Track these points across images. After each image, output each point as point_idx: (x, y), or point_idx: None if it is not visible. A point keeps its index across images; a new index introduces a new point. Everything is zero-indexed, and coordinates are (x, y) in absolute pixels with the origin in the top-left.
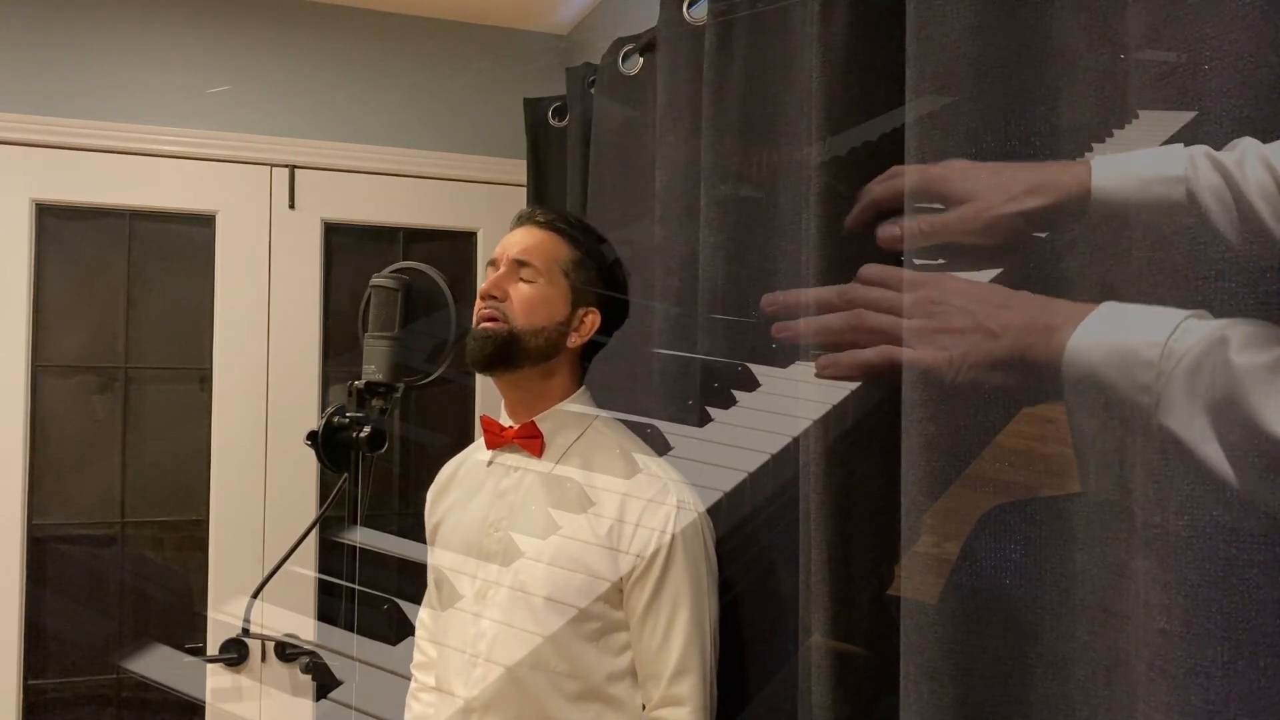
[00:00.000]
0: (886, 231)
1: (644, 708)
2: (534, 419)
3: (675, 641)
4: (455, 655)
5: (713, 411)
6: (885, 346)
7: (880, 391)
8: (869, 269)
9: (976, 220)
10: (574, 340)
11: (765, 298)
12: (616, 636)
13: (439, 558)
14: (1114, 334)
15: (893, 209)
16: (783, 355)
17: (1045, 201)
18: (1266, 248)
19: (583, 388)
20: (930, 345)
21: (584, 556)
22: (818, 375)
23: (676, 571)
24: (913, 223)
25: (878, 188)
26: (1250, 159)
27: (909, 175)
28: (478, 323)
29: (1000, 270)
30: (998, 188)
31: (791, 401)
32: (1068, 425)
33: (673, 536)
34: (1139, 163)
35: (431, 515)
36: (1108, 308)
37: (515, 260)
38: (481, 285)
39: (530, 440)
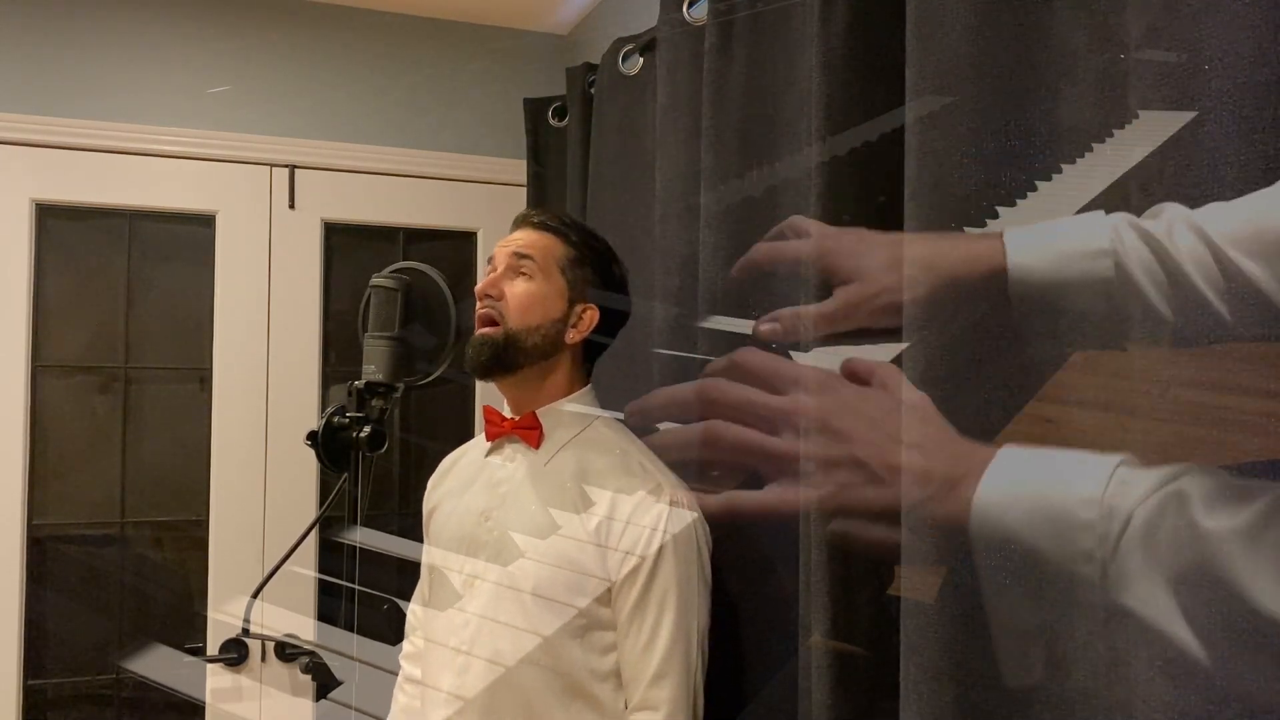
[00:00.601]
0: (763, 328)
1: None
2: (535, 411)
3: (659, 645)
4: (441, 645)
5: None
6: (729, 494)
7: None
8: (744, 355)
9: (860, 309)
10: (572, 336)
11: (630, 406)
12: (602, 635)
13: (431, 546)
14: (1032, 488)
15: (782, 267)
16: None
17: (949, 280)
18: (1206, 323)
19: (587, 387)
20: (791, 481)
21: (572, 552)
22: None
23: (665, 574)
24: (788, 313)
25: (762, 249)
26: (1179, 227)
27: (795, 244)
28: (477, 326)
29: (904, 374)
30: (889, 265)
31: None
32: (1079, 423)
33: (663, 538)
34: (1058, 235)
35: (428, 502)
36: (1009, 453)
37: (511, 257)
38: (478, 285)
39: (529, 431)
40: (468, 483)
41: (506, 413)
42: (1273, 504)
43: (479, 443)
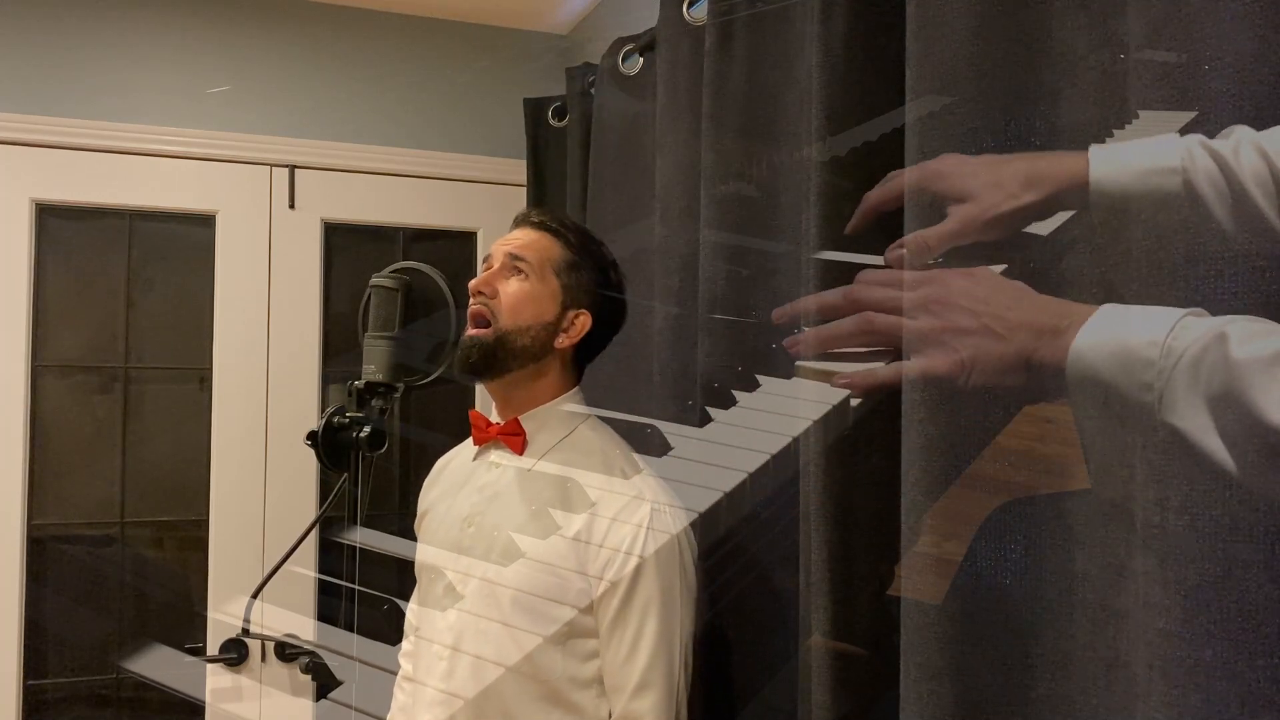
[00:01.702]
0: (892, 254)
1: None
2: (519, 417)
3: (641, 655)
4: (427, 647)
5: (713, 412)
6: (897, 363)
7: (881, 392)
8: (868, 273)
9: (976, 222)
10: (562, 341)
11: (776, 312)
12: (584, 642)
13: (420, 549)
14: (1115, 335)
15: (891, 213)
16: (787, 363)
17: (1043, 195)
18: (1264, 238)
19: (575, 390)
20: (939, 349)
21: (552, 558)
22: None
23: (647, 583)
24: (914, 237)
25: (874, 194)
26: (1245, 147)
27: (906, 177)
28: (469, 323)
29: (1002, 266)
30: (995, 184)
31: (791, 402)
32: (1072, 426)
33: (644, 546)
34: (1136, 153)
35: (421, 503)
36: (1108, 309)
37: (507, 257)
38: (472, 282)
39: (513, 437)
40: (457, 486)
41: (493, 416)
42: None
43: (469, 445)
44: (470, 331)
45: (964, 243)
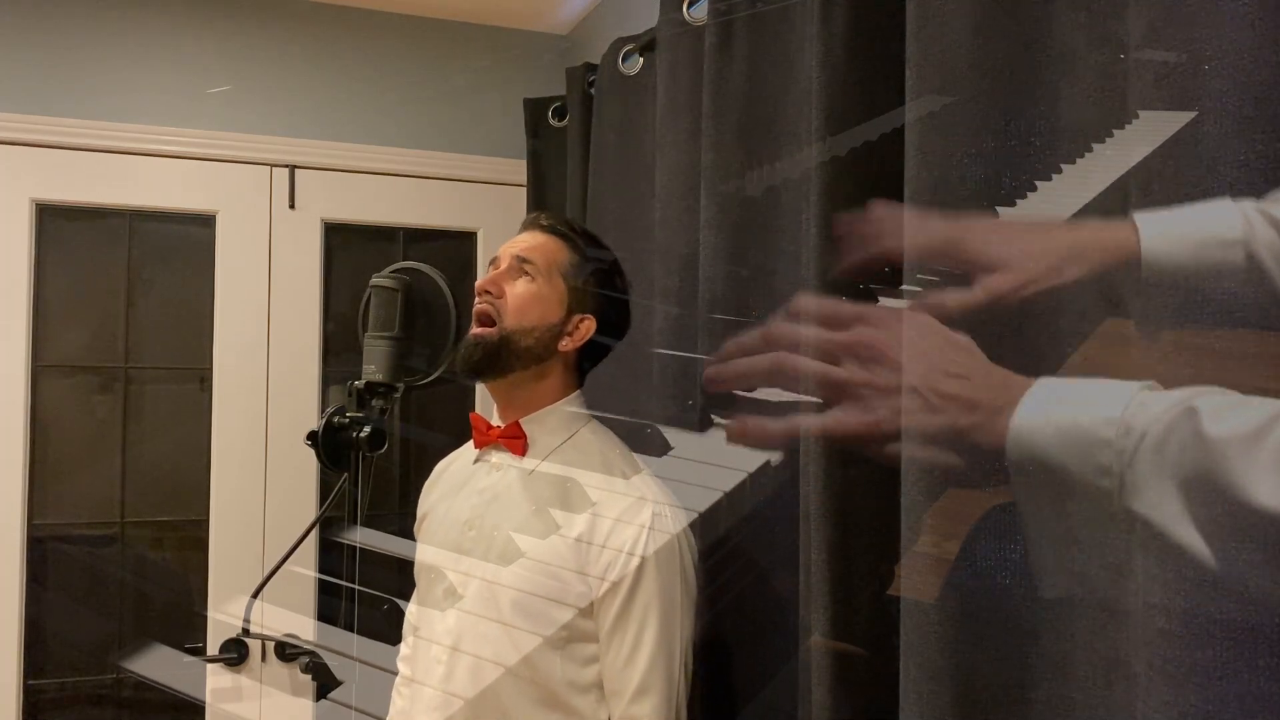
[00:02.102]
0: (910, 316)
1: None
2: (520, 420)
3: (640, 659)
4: (426, 650)
5: (713, 412)
6: (793, 419)
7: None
8: (802, 301)
9: (1012, 297)
10: (566, 345)
11: (706, 374)
12: (583, 646)
13: (420, 552)
14: (1061, 412)
15: (889, 261)
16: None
17: (1088, 270)
18: None
19: (577, 393)
20: (854, 406)
21: (553, 562)
22: (728, 441)
23: (647, 587)
24: (937, 299)
25: (894, 242)
26: None
27: (914, 231)
28: (474, 322)
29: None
30: (1031, 256)
31: (792, 402)
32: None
33: (645, 550)
34: (1189, 223)
35: (421, 506)
36: (1047, 382)
37: (515, 258)
38: (479, 281)
39: (514, 440)
40: (456, 489)
41: (494, 417)
42: (1274, 413)
43: (470, 448)
44: (475, 330)
45: (984, 316)
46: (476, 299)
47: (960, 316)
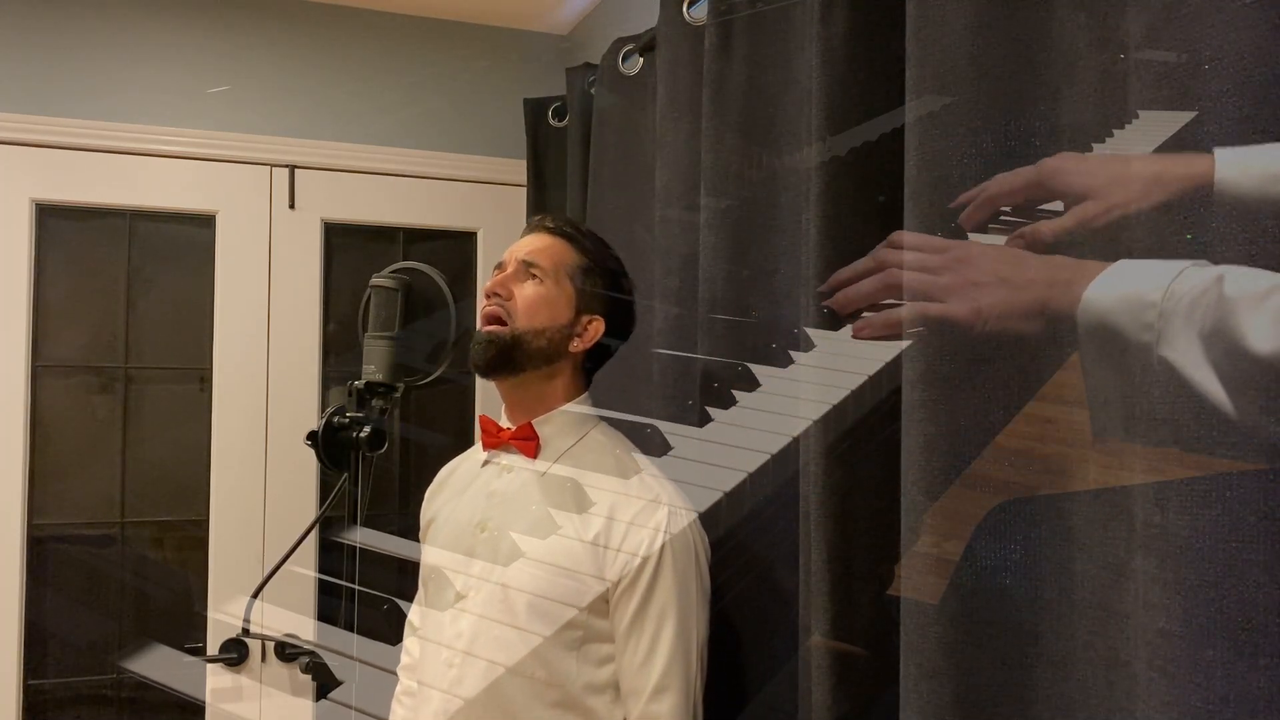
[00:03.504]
0: (1011, 245)
1: None
2: (532, 421)
3: (659, 658)
4: (435, 655)
5: (712, 412)
6: (917, 303)
7: (880, 392)
8: (897, 235)
9: (1100, 220)
10: (576, 346)
11: (836, 300)
12: (599, 647)
13: (427, 555)
14: (1125, 284)
15: (1006, 205)
16: (787, 363)
17: (1168, 196)
18: None
19: (586, 394)
20: (959, 299)
21: (568, 563)
22: (855, 337)
23: (664, 586)
24: (1030, 229)
25: (995, 187)
26: None
27: (1021, 174)
28: (482, 323)
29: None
30: (1117, 183)
31: (791, 402)
32: (1071, 425)
33: (661, 550)
34: (1262, 157)
35: (425, 513)
36: (1123, 264)
37: (522, 261)
38: (487, 284)
39: (526, 442)
40: (464, 491)
41: (502, 418)
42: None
43: (476, 452)
44: (486, 327)
45: (1076, 241)
46: (485, 301)
47: (1055, 243)
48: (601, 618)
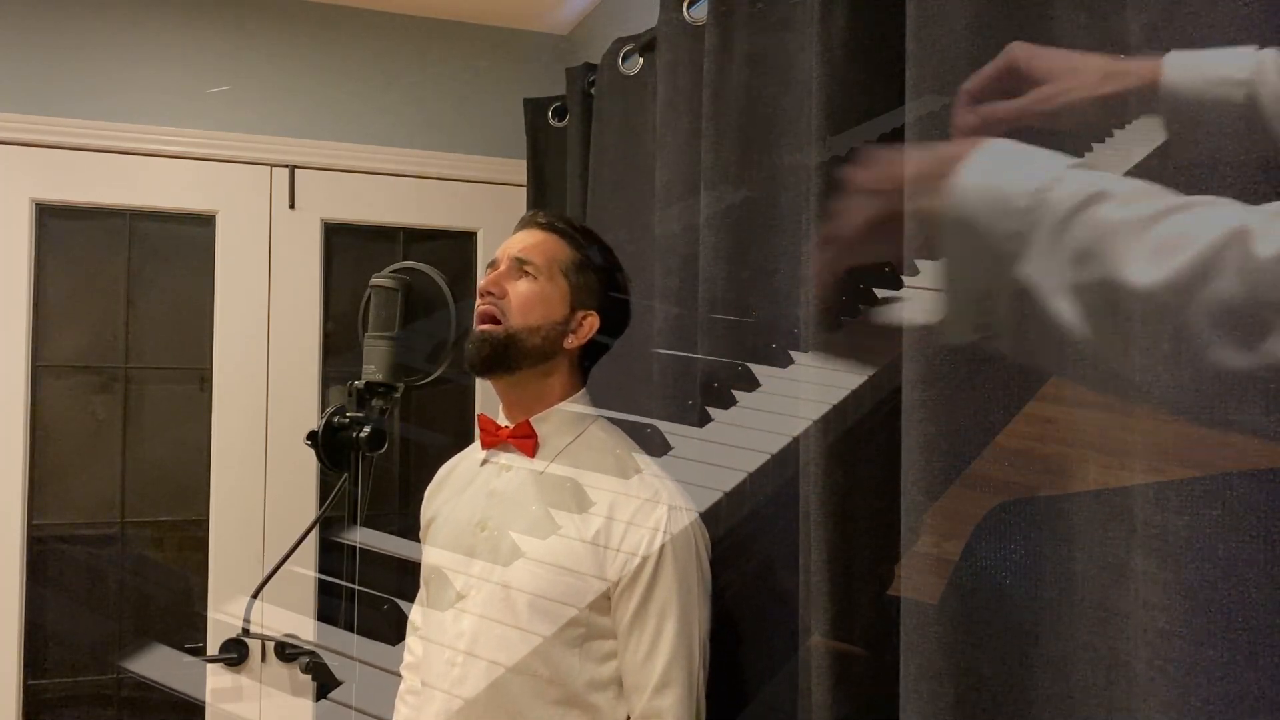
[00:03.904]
0: (963, 120)
1: (627, 719)
2: (530, 419)
3: (661, 653)
4: (438, 655)
5: (713, 411)
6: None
7: (880, 391)
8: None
9: (1050, 102)
10: (571, 342)
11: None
12: (601, 644)
13: (428, 555)
14: (997, 177)
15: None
16: (787, 361)
17: (1118, 89)
18: None
19: (583, 391)
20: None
21: (570, 561)
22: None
23: (665, 582)
24: (990, 108)
25: (970, 84)
26: None
27: (990, 65)
28: (477, 322)
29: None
30: (1073, 71)
31: (791, 401)
32: (1072, 425)
33: (662, 546)
34: (1210, 61)
35: (426, 512)
36: (999, 145)
37: (515, 259)
38: (481, 282)
39: (524, 440)
40: (464, 490)
41: (500, 417)
42: (1169, 206)
43: (474, 450)
44: (480, 327)
45: (1032, 122)
46: (478, 300)
47: (1012, 122)
48: (603, 615)
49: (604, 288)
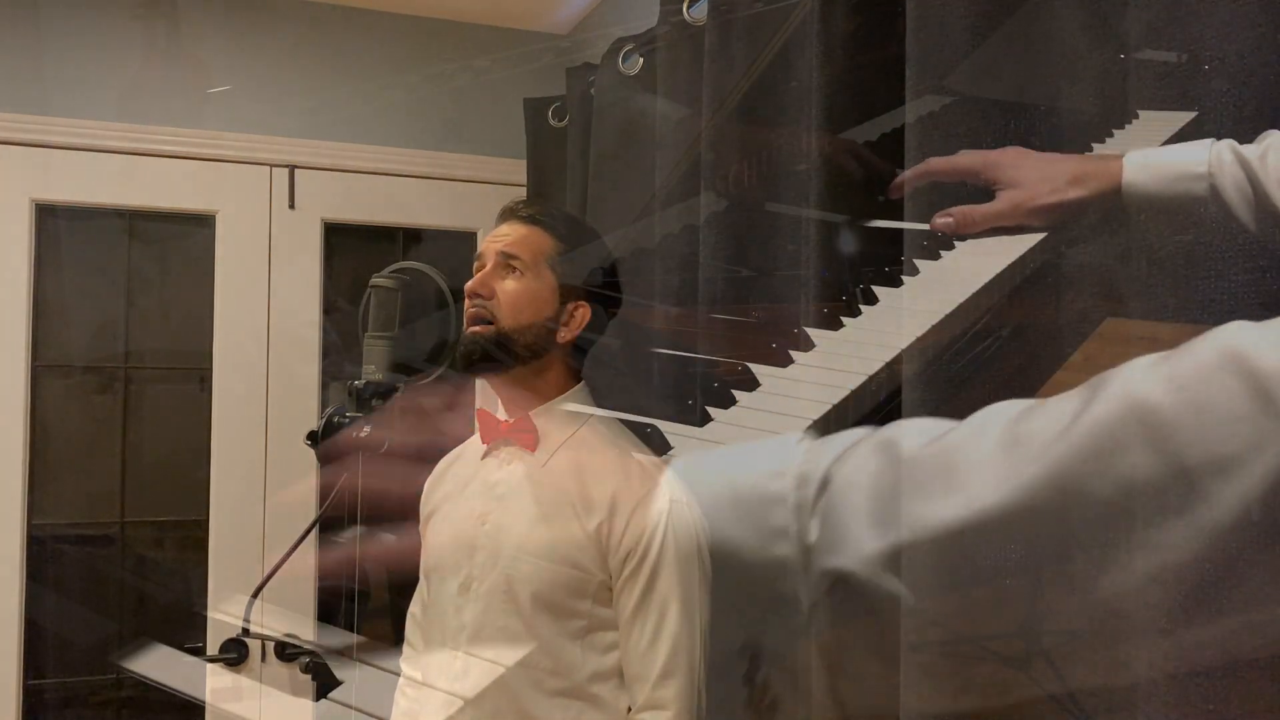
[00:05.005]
0: (938, 221)
1: (629, 710)
2: (529, 414)
3: (663, 644)
4: (438, 648)
5: (713, 411)
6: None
7: (880, 392)
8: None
9: (1021, 208)
10: (563, 335)
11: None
12: (603, 635)
13: (428, 549)
14: (720, 479)
15: (940, 183)
16: (787, 361)
17: (1085, 193)
18: None
19: (581, 384)
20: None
21: (571, 553)
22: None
23: (667, 572)
24: (961, 211)
25: (936, 163)
26: (1273, 151)
27: (966, 157)
28: (467, 324)
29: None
30: (1043, 178)
31: (791, 402)
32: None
33: (664, 537)
34: (1167, 158)
35: (425, 506)
36: (682, 461)
37: (501, 254)
38: (468, 284)
39: (524, 434)
40: (465, 485)
41: (499, 412)
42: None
43: (475, 444)
44: (471, 329)
45: (1006, 224)
46: (467, 302)
47: (985, 223)
48: (605, 606)
49: (592, 275)
